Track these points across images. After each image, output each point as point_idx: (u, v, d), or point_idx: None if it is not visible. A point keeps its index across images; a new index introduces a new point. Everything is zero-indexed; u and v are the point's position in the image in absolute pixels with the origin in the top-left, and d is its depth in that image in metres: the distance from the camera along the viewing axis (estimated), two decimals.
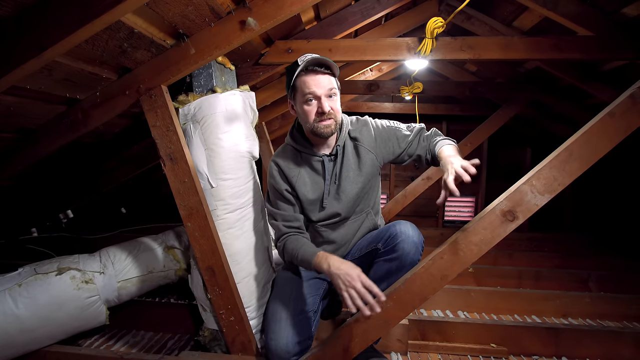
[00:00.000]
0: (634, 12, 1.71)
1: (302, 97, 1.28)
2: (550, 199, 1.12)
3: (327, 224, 1.44)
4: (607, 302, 2.06)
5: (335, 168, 1.39)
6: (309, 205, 1.41)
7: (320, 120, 1.28)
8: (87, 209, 3.00)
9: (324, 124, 1.28)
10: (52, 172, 2.09)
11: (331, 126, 1.29)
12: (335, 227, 1.45)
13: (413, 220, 1.41)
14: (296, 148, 1.41)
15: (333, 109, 1.28)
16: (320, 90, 1.25)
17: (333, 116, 1.29)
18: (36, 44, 0.93)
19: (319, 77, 1.25)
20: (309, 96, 1.27)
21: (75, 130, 1.42)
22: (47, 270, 1.50)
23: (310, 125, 1.30)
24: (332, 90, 1.27)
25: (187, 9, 1.18)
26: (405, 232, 1.32)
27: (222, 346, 1.55)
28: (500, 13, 2.40)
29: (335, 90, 1.29)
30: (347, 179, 1.39)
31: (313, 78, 1.25)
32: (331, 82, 1.27)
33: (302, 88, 1.27)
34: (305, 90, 1.26)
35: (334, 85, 1.28)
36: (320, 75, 1.26)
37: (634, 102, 1.05)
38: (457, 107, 4.26)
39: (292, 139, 1.43)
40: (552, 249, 3.31)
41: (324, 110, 1.25)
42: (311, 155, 1.39)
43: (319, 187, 1.40)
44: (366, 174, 1.40)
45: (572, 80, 2.46)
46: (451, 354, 1.67)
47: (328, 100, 1.27)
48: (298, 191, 1.39)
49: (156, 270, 1.79)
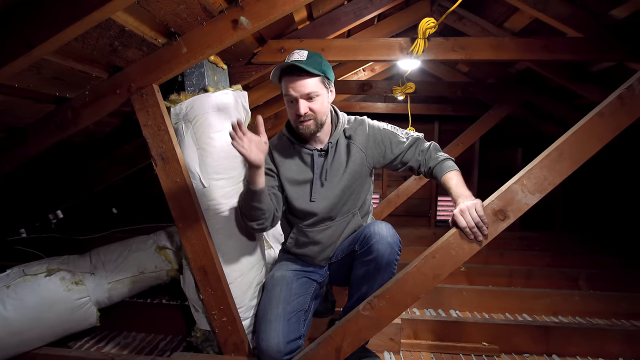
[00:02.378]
0: (623, 14, 1.74)
1: (285, 97, 1.31)
2: (540, 198, 1.13)
3: (312, 222, 1.44)
4: (596, 300, 2.09)
5: (325, 164, 1.39)
6: (293, 193, 1.41)
7: (300, 121, 1.30)
8: (77, 209, 2.97)
9: (303, 125, 1.30)
10: (41, 172, 2.06)
11: (310, 127, 1.31)
12: (322, 228, 1.44)
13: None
14: (290, 139, 1.42)
15: (313, 110, 1.28)
16: (296, 94, 1.26)
17: (313, 117, 1.29)
18: (24, 42, 0.92)
19: (296, 80, 1.26)
20: (288, 97, 1.29)
21: (65, 130, 1.40)
22: (36, 272, 1.48)
23: (294, 124, 1.34)
24: (311, 93, 1.27)
25: (179, 7, 1.17)
26: (379, 233, 1.32)
27: (214, 347, 1.54)
28: (491, 14, 2.42)
29: (317, 92, 1.28)
30: (334, 176, 1.39)
31: (291, 80, 1.26)
32: (310, 84, 1.26)
33: (283, 89, 1.30)
34: (285, 92, 1.29)
35: (314, 88, 1.27)
36: (297, 78, 1.25)
37: (622, 103, 1.06)
38: (449, 107, 4.29)
39: (287, 130, 1.44)
40: (542, 247, 3.34)
41: (299, 112, 1.27)
42: (303, 148, 1.41)
43: (305, 178, 1.40)
44: (353, 172, 1.40)
45: (562, 81, 2.49)
46: (443, 352, 1.68)
47: (308, 102, 1.28)
48: (282, 175, 1.40)
49: (148, 271, 1.78)
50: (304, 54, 1.26)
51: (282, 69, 1.28)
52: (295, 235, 1.49)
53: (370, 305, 1.23)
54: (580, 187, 4.10)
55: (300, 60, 1.24)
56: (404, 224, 4.35)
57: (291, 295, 1.38)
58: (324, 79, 1.30)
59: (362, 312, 1.24)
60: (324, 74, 1.29)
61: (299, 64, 1.22)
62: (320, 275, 1.51)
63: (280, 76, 1.30)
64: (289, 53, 1.31)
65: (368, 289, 1.33)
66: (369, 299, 1.24)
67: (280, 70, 1.28)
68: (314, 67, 1.25)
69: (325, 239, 1.45)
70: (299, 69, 1.24)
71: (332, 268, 1.53)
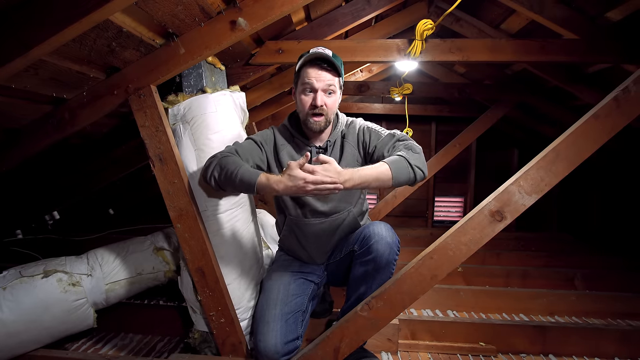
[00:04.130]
0: (617, 16, 1.75)
1: (302, 86, 1.33)
2: (537, 199, 1.13)
3: (305, 215, 1.45)
4: (592, 300, 2.10)
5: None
6: None
7: (312, 114, 1.32)
8: (74, 210, 2.96)
9: (314, 120, 1.33)
10: (38, 173, 2.05)
11: (321, 123, 1.34)
12: (314, 222, 1.45)
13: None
14: (291, 132, 1.44)
15: (327, 105, 1.32)
16: (319, 84, 1.30)
17: (325, 113, 1.32)
18: (21, 42, 0.91)
19: (321, 71, 1.30)
20: (307, 86, 1.31)
21: (62, 131, 1.40)
22: (33, 273, 1.47)
23: (303, 115, 1.35)
24: (331, 87, 1.31)
25: (177, 8, 1.17)
26: (379, 234, 1.34)
27: (212, 348, 1.54)
28: (488, 16, 2.43)
29: (335, 88, 1.32)
30: None
31: (315, 71, 1.30)
32: (332, 79, 1.31)
33: (303, 77, 1.32)
34: (305, 80, 1.31)
35: (334, 83, 1.32)
36: (322, 70, 1.30)
37: (618, 104, 1.08)
38: (446, 108, 4.30)
39: (290, 124, 1.45)
40: (538, 248, 3.36)
41: (316, 103, 1.29)
42: (303, 143, 1.42)
43: None
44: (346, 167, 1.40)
45: (558, 83, 2.51)
46: (441, 353, 1.68)
47: (325, 95, 1.31)
48: (281, 159, 1.40)
49: (145, 272, 1.77)
50: (329, 52, 1.31)
51: (309, 59, 1.30)
52: (287, 231, 1.50)
53: (368, 306, 1.23)
54: (575, 188, 4.12)
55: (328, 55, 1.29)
56: (401, 224, 4.36)
57: (289, 296, 1.39)
58: (339, 80, 1.35)
59: (360, 313, 1.24)
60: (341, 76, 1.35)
61: (329, 57, 1.27)
62: (318, 276, 1.51)
63: (302, 66, 1.32)
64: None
65: (366, 290, 1.34)
66: (367, 299, 1.25)
67: (305, 60, 1.31)
68: (339, 65, 1.30)
69: (319, 235, 1.46)
70: (327, 62, 1.28)
71: (330, 268, 1.54)
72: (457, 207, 4.76)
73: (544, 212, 4.32)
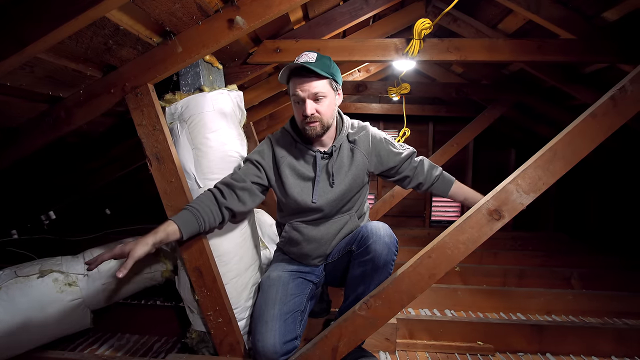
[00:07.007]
0: (614, 16, 1.76)
1: (292, 97, 1.33)
2: (535, 198, 1.14)
3: (307, 220, 1.44)
4: (589, 299, 2.11)
5: (328, 166, 1.40)
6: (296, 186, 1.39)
7: (306, 122, 1.31)
8: (70, 210, 2.93)
9: (309, 126, 1.31)
10: (34, 172, 2.03)
11: (316, 128, 1.32)
12: (316, 225, 1.45)
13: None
14: (293, 137, 1.42)
15: (319, 112, 1.30)
16: (304, 94, 1.28)
17: (318, 119, 1.30)
18: (17, 40, 0.91)
19: (305, 81, 1.27)
20: (295, 98, 1.31)
21: (58, 129, 1.39)
22: (29, 273, 1.46)
23: (299, 124, 1.35)
24: (319, 93, 1.28)
25: (174, 6, 1.17)
26: (377, 234, 1.33)
27: (209, 348, 1.53)
28: (485, 15, 2.44)
29: (324, 93, 1.29)
30: (337, 177, 1.40)
31: (300, 81, 1.28)
32: (318, 86, 1.28)
33: (290, 89, 1.32)
34: (292, 92, 1.31)
35: (321, 89, 1.28)
36: (305, 79, 1.27)
37: (615, 104, 1.08)
38: (444, 108, 4.32)
39: (292, 128, 1.44)
40: (535, 247, 3.38)
41: (305, 113, 1.28)
42: (306, 148, 1.41)
43: (308, 176, 1.40)
44: (355, 176, 1.41)
45: (555, 82, 2.52)
46: (439, 352, 1.68)
47: (315, 103, 1.29)
48: (282, 169, 1.39)
49: (142, 272, 1.76)
50: (313, 56, 1.28)
51: (290, 70, 1.29)
52: (288, 234, 1.49)
53: (366, 305, 1.23)
54: (572, 187, 4.14)
55: (309, 61, 1.26)
56: (398, 224, 4.37)
57: (287, 295, 1.38)
58: (331, 82, 1.32)
59: (358, 312, 1.24)
60: (332, 77, 1.30)
61: (308, 65, 1.24)
62: (316, 276, 1.51)
63: (289, 77, 1.32)
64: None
65: (364, 290, 1.34)
66: (365, 298, 1.25)
67: (289, 70, 1.29)
68: (322, 69, 1.26)
69: (319, 237, 1.45)
70: (307, 70, 1.25)
71: (328, 268, 1.54)
72: (455, 207, 4.77)
73: (541, 212, 4.34)
